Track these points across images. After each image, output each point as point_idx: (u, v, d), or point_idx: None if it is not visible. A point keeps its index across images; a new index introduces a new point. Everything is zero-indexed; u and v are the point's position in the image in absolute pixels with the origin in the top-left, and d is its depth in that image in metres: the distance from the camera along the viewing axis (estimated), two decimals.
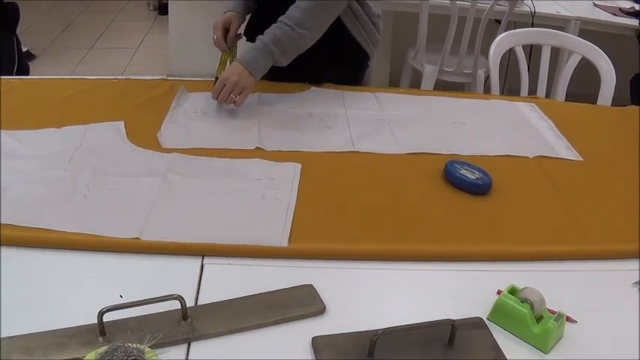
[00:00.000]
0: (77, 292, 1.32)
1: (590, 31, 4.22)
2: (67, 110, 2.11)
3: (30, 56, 5.66)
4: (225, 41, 2.34)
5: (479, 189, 1.78)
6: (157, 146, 1.90)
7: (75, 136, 1.93)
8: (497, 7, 3.97)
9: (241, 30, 2.42)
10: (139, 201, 1.61)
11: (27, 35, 6.19)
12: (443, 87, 4.22)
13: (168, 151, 1.87)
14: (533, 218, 1.71)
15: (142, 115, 2.10)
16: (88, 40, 6.38)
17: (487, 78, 4.25)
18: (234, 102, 2.11)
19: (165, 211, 1.58)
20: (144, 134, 1.96)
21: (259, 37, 2.15)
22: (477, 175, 1.81)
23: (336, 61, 2.40)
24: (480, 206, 1.74)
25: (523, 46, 3.04)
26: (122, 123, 2.01)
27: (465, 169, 1.82)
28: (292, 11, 2.13)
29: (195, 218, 1.56)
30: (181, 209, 1.59)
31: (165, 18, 5.17)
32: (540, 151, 2.07)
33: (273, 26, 2.14)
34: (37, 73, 5.19)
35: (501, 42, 2.91)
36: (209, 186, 1.70)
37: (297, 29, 2.11)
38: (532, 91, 3.01)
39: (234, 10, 2.39)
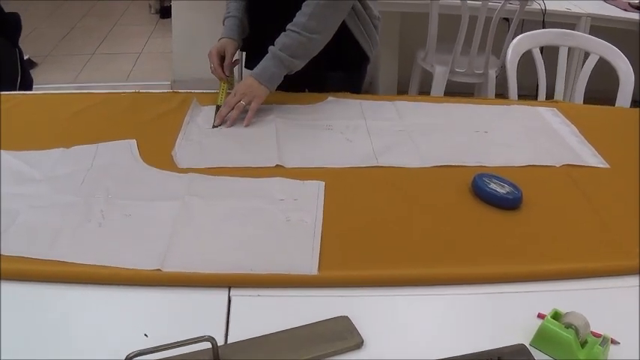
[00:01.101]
0: (97, 331, 1.24)
1: (601, 27, 4.17)
2: (75, 128, 2.04)
3: (32, 64, 5.61)
4: (223, 69, 2.30)
5: (510, 203, 1.72)
6: (172, 166, 1.83)
7: (85, 156, 1.86)
8: (507, 5, 3.89)
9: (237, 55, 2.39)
10: (158, 227, 1.54)
11: (28, 41, 6.13)
12: (454, 88, 4.17)
13: (185, 171, 1.80)
14: (568, 233, 1.64)
15: (154, 131, 2.03)
16: (89, 45, 6.33)
17: (497, 77, 4.20)
18: (246, 114, 2.07)
19: (187, 238, 1.51)
20: (157, 153, 1.89)
21: (270, 49, 2.13)
22: (507, 188, 1.74)
23: (338, 63, 2.36)
24: (512, 221, 1.67)
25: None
26: (134, 142, 1.94)
27: (494, 183, 1.75)
28: (298, 18, 2.12)
29: (218, 245, 1.49)
30: (203, 235, 1.52)
31: (167, 22, 5.12)
32: (567, 159, 2.01)
33: (281, 35, 2.13)
34: (39, 82, 5.11)
35: (518, 44, 2.84)
36: (231, 208, 1.63)
37: (304, 33, 2.10)
38: (548, 93, 2.94)
39: (228, 37, 2.34)
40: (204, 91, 2.33)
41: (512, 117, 2.30)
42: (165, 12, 7.11)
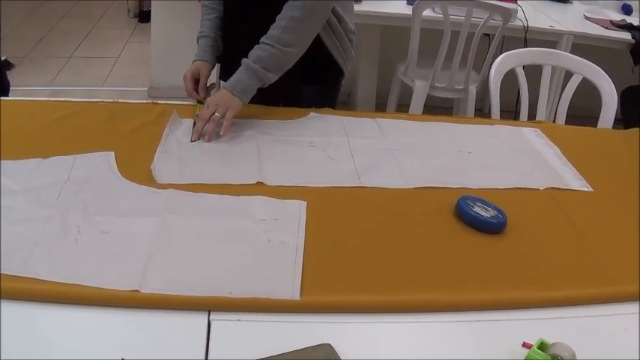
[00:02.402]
0: (72, 354, 1.19)
1: (582, 45, 4.18)
2: (51, 137, 1.99)
3: (8, 65, 5.54)
4: (197, 91, 2.29)
5: (494, 228, 1.70)
6: (150, 180, 1.79)
7: (62, 168, 1.81)
8: (490, 21, 3.88)
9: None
10: (136, 246, 1.50)
11: (6, 41, 6.09)
12: (433, 102, 4.16)
13: (164, 186, 1.76)
14: (553, 259, 1.63)
15: (133, 143, 1.99)
16: (67, 48, 6.26)
17: (477, 93, 4.19)
18: (222, 127, 2.05)
19: (165, 258, 1.46)
20: (136, 166, 1.85)
21: (243, 61, 2.12)
22: (491, 212, 1.72)
23: (312, 77, 2.35)
24: (496, 246, 1.65)
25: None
26: (112, 154, 1.90)
27: (478, 206, 1.73)
28: (272, 30, 2.10)
29: (198, 266, 1.45)
30: (183, 256, 1.48)
31: (146, 26, 5.08)
32: (551, 182, 1.99)
33: (255, 47, 2.12)
34: (15, 84, 5.07)
35: (502, 63, 2.82)
36: (211, 228, 1.59)
37: (277, 46, 2.09)
38: (530, 112, 2.93)
39: (201, 59, 2.34)
40: (184, 102, 2.30)
41: (495, 137, 2.29)
42: (144, 16, 7.06)
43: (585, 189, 1.99)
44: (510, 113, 3.79)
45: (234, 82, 2.10)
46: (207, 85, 2.34)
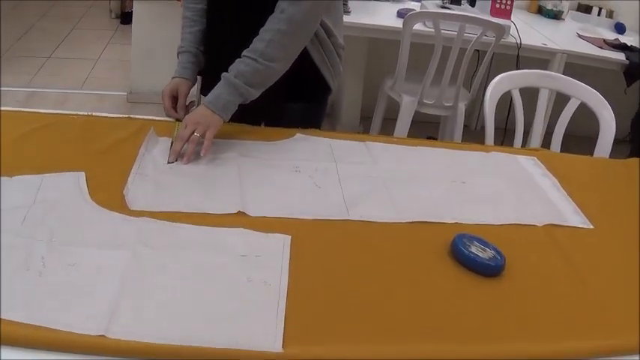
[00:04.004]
0: None
1: (574, 64, 4.10)
2: (20, 152, 1.86)
3: None
4: (176, 110, 2.17)
5: (491, 271, 1.58)
6: (123, 205, 1.66)
7: (29, 188, 1.68)
8: (483, 38, 3.78)
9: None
10: (105, 282, 1.37)
11: None
12: (420, 117, 4.05)
13: (137, 213, 1.63)
14: (552, 306, 1.51)
15: (107, 163, 1.86)
16: (46, 48, 6.12)
17: (466, 111, 4.09)
18: (201, 147, 1.93)
19: (135, 298, 1.33)
20: (108, 189, 1.72)
21: (223, 75, 2.00)
22: (489, 253, 1.61)
23: (298, 94, 2.23)
24: (493, 292, 1.54)
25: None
26: (83, 175, 1.76)
27: (475, 246, 1.62)
28: (255, 44, 1.99)
29: (171, 310, 1.32)
30: (154, 297, 1.35)
31: (127, 28, 4.96)
32: (549, 218, 1.88)
33: (236, 61, 2.00)
34: None
35: (498, 85, 2.70)
36: (187, 264, 1.46)
37: (260, 60, 1.97)
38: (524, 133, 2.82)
39: (181, 77, 2.22)
40: (162, 118, 2.17)
41: (491, 166, 2.18)
42: (125, 18, 6.92)
43: (585, 226, 1.88)
44: (499, 131, 3.67)
45: (213, 97, 1.98)
46: (187, 103, 2.22)
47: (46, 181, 1.72)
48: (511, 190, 2.02)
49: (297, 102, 2.28)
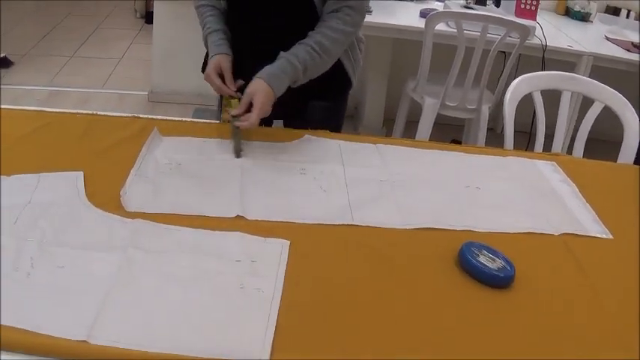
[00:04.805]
0: None
1: (601, 67, 4.00)
2: (19, 151, 1.82)
3: (7, 63, 5.40)
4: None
5: (500, 282, 1.51)
6: (120, 207, 1.61)
7: (25, 188, 1.63)
8: (507, 39, 3.68)
9: None
10: (92, 286, 1.32)
11: (8, 38, 5.97)
12: (443, 119, 3.97)
13: (132, 215, 1.58)
14: (564, 322, 1.43)
15: (107, 162, 1.81)
16: (70, 47, 6.11)
17: (491, 114, 4.01)
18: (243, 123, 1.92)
19: (122, 303, 1.28)
20: (106, 189, 1.67)
21: (287, 57, 1.99)
22: (498, 263, 1.53)
23: (321, 89, 2.18)
24: (502, 304, 1.46)
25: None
26: (81, 174, 1.72)
27: (484, 255, 1.54)
28: (320, 37, 2.03)
29: (158, 316, 1.27)
30: (141, 302, 1.30)
31: (152, 27, 4.91)
32: (567, 226, 1.80)
33: (302, 50, 2.01)
34: (13, 83, 4.96)
35: (518, 87, 2.60)
36: (178, 268, 1.41)
37: (323, 56, 2.03)
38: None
39: (220, 53, 2.13)
40: (171, 118, 2.11)
41: (507, 171, 2.09)
42: (150, 17, 6.87)
43: (604, 236, 1.79)
44: (524, 135, 3.59)
45: (279, 84, 1.97)
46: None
47: (43, 181, 1.68)
48: (527, 197, 1.94)
49: (320, 99, 2.26)
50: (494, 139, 3.99)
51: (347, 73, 2.25)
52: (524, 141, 3.66)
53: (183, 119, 2.11)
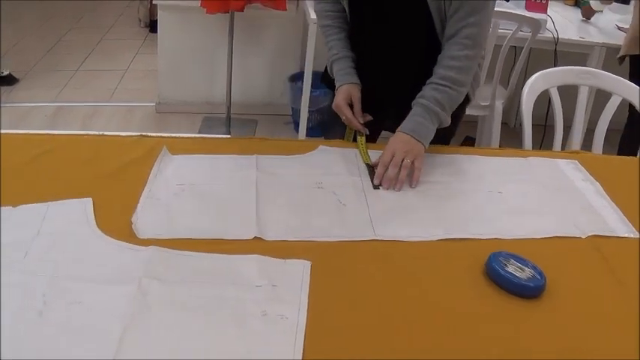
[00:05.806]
0: None
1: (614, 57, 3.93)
2: (26, 178, 1.77)
3: (12, 80, 5.36)
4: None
5: (531, 292, 1.45)
6: (132, 234, 1.56)
7: (33, 219, 1.58)
8: (519, 33, 3.62)
9: None
10: (108, 323, 1.26)
11: (12, 54, 5.96)
12: None
13: (145, 242, 1.52)
14: (600, 331, 1.38)
15: (116, 186, 1.76)
16: (74, 60, 6.06)
17: (504, 108, 3.95)
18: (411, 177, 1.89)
19: (138, 340, 1.23)
20: (117, 216, 1.61)
21: (414, 102, 1.99)
22: (528, 272, 1.47)
23: None
24: (533, 315, 1.41)
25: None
26: (90, 201, 1.66)
27: (512, 265, 1.48)
28: (445, 71, 1.99)
29: (178, 350, 1.22)
30: (159, 337, 1.24)
31: (156, 36, 4.85)
32: (594, 228, 1.74)
33: (428, 89, 1.99)
34: (18, 100, 4.93)
35: (535, 84, 2.54)
36: (196, 299, 1.35)
37: (454, 87, 1.99)
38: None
39: (349, 82, 2.12)
40: (177, 135, 2.06)
41: (528, 173, 2.04)
42: (155, 25, 6.82)
43: (632, 235, 1.74)
44: (538, 128, 3.52)
45: (414, 125, 1.95)
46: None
47: (51, 210, 1.62)
48: (550, 199, 1.89)
49: None
50: (508, 134, 3.93)
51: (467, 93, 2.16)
52: (538, 133, 3.60)
53: (192, 135, 2.06)
